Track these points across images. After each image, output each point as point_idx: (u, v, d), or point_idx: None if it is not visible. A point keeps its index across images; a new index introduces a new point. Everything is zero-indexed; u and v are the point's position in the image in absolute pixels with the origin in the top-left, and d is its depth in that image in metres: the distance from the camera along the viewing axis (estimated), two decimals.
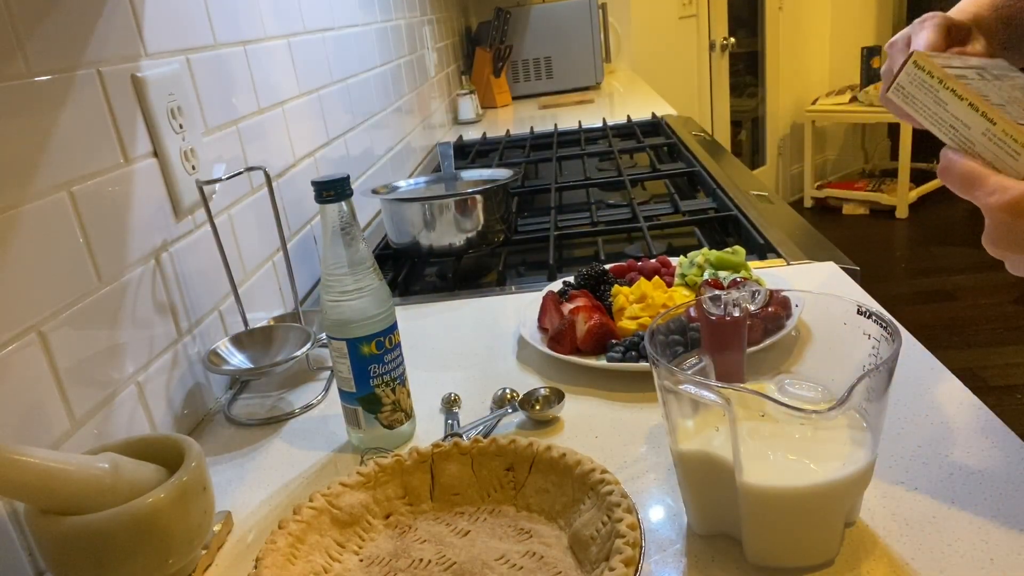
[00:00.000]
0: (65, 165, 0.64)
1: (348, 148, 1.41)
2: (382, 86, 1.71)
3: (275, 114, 1.09)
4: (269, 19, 1.10)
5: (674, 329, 0.58)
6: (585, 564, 0.50)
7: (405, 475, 0.59)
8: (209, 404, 0.84)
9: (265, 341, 0.84)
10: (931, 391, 0.67)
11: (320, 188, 0.63)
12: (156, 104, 0.77)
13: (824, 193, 4.45)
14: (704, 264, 0.89)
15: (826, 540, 0.49)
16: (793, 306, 0.72)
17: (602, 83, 3.08)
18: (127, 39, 0.75)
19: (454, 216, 1.13)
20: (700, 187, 1.47)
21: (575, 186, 1.54)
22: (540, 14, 2.94)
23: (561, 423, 0.71)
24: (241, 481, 0.69)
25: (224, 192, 0.90)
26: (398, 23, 1.92)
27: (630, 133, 2.08)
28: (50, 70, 0.63)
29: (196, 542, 0.55)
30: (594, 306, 0.82)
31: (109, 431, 0.66)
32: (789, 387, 0.56)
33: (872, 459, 0.49)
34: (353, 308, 0.65)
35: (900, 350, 0.47)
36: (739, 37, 4.30)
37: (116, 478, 0.51)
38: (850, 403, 0.44)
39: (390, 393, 0.69)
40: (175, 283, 0.79)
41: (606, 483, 0.52)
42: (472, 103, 2.59)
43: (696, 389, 0.47)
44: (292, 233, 1.10)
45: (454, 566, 0.52)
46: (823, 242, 1.07)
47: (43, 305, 0.60)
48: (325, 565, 0.52)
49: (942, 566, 0.48)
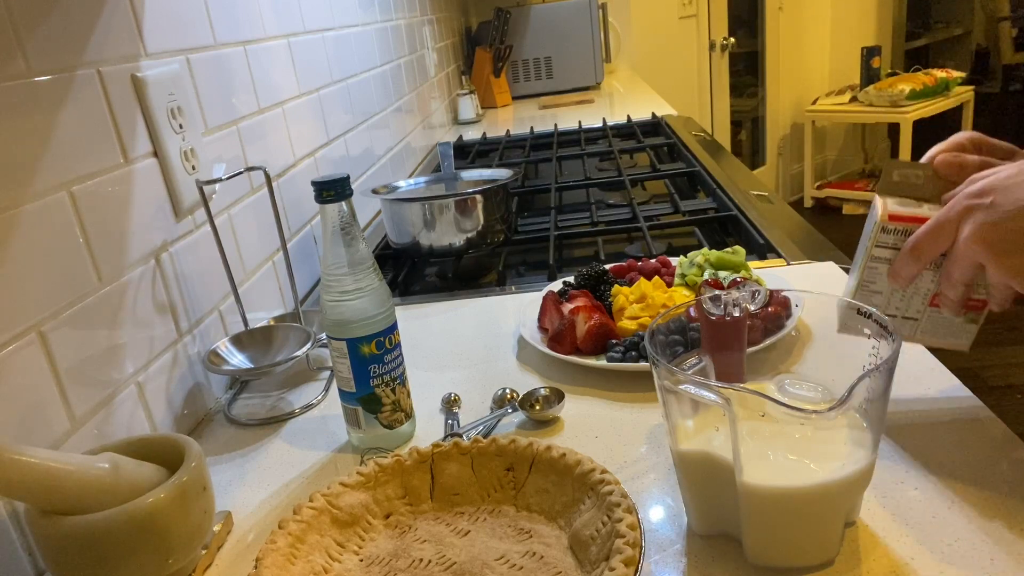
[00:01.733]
0: (65, 165, 0.64)
1: (348, 148, 1.41)
2: (382, 86, 1.71)
3: (275, 114, 1.09)
4: (269, 19, 1.10)
5: (674, 329, 0.58)
6: (585, 564, 0.50)
7: (405, 475, 0.59)
8: (209, 404, 0.84)
9: (265, 341, 0.84)
10: (931, 391, 0.67)
11: (320, 188, 0.63)
12: (156, 104, 0.77)
13: (824, 193, 4.45)
14: (704, 264, 0.89)
15: (826, 540, 0.49)
16: (793, 306, 0.72)
17: (602, 83, 3.08)
18: (127, 39, 0.75)
19: (454, 216, 1.13)
20: (700, 187, 1.47)
21: (575, 186, 1.54)
22: (540, 14, 2.93)
23: (561, 423, 0.71)
24: (241, 481, 0.69)
25: (224, 192, 0.90)
26: (398, 23, 1.92)
27: (630, 133, 2.08)
28: (50, 70, 0.63)
29: (196, 542, 0.55)
30: (594, 306, 0.82)
31: (109, 431, 0.66)
32: (789, 387, 0.56)
33: (872, 459, 0.49)
34: (353, 308, 0.65)
35: (900, 350, 0.47)
36: (739, 37, 4.30)
37: (116, 478, 0.51)
38: (850, 403, 0.44)
39: (390, 393, 0.69)
40: (175, 283, 0.79)
41: (606, 483, 0.52)
42: (472, 103, 2.59)
43: (696, 389, 0.47)
44: (292, 233, 1.10)
45: (454, 566, 0.52)
46: (823, 242, 1.07)
47: (43, 305, 0.60)
48: (325, 565, 0.52)
49: (942, 566, 0.48)
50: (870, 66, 4.19)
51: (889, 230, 0.59)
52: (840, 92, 4.37)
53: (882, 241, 0.60)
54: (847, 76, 4.48)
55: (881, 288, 0.61)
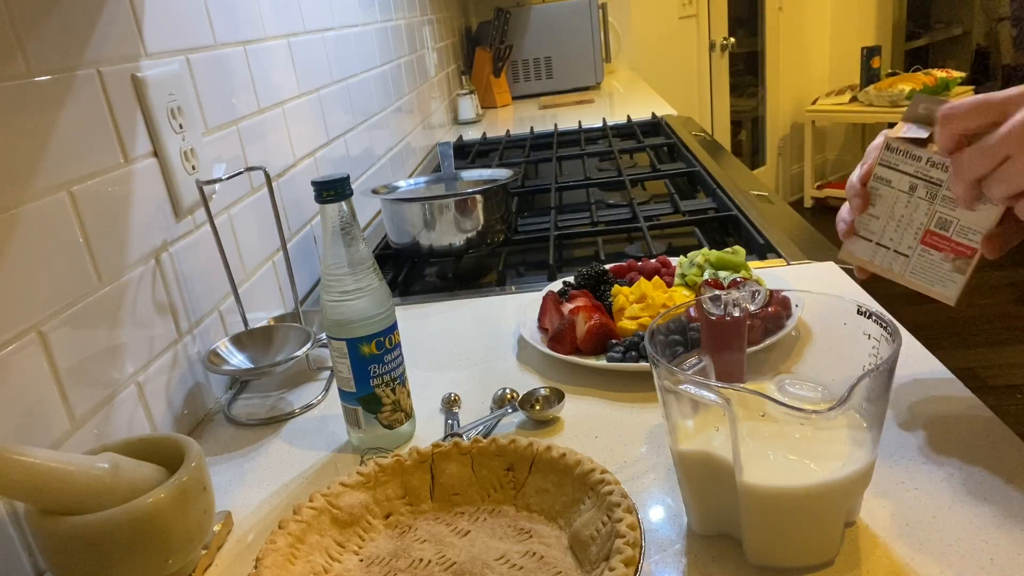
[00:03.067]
0: (65, 165, 0.64)
1: (348, 148, 1.41)
2: (382, 86, 1.71)
3: (275, 114, 1.09)
4: (269, 19, 1.10)
5: (674, 329, 0.58)
6: (585, 564, 0.50)
7: (405, 475, 0.59)
8: (209, 404, 0.84)
9: (265, 341, 0.84)
10: (931, 391, 0.67)
11: (320, 188, 0.63)
12: (156, 104, 0.77)
13: (824, 193, 4.45)
14: (704, 264, 0.89)
15: (826, 540, 0.49)
16: (793, 306, 0.72)
17: (602, 83, 3.08)
18: (127, 39, 0.75)
19: (454, 216, 1.13)
20: (700, 187, 1.47)
21: (575, 186, 1.54)
22: (540, 14, 2.93)
23: (561, 423, 0.71)
24: (241, 481, 0.69)
25: (224, 192, 0.90)
26: (398, 23, 1.92)
27: (630, 133, 2.08)
28: (50, 70, 0.63)
29: (196, 542, 0.55)
30: (594, 306, 0.82)
31: (109, 431, 0.66)
32: (789, 387, 0.56)
33: (872, 459, 0.49)
34: (353, 308, 0.65)
35: (900, 350, 0.47)
36: (739, 37, 4.30)
37: (116, 478, 0.51)
38: (850, 403, 0.44)
39: (390, 393, 0.69)
40: (175, 283, 0.79)
41: (606, 483, 0.52)
42: (472, 103, 2.59)
43: (696, 389, 0.47)
44: (292, 233, 1.10)
45: (454, 566, 0.52)
46: (823, 242, 1.07)
47: (43, 305, 0.60)
48: (325, 565, 0.52)
49: (942, 566, 0.48)
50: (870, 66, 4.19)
51: (894, 148, 0.59)
52: (840, 92, 4.37)
53: (886, 159, 0.60)
54: (847, 76, 4.48)
55: (879, 212, 0.62)
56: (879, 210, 0.62)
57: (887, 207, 0.62)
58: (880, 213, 0.62)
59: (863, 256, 0.65)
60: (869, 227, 0.63)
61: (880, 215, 0.62)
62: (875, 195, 0.62)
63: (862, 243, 0.65)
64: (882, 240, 0.63)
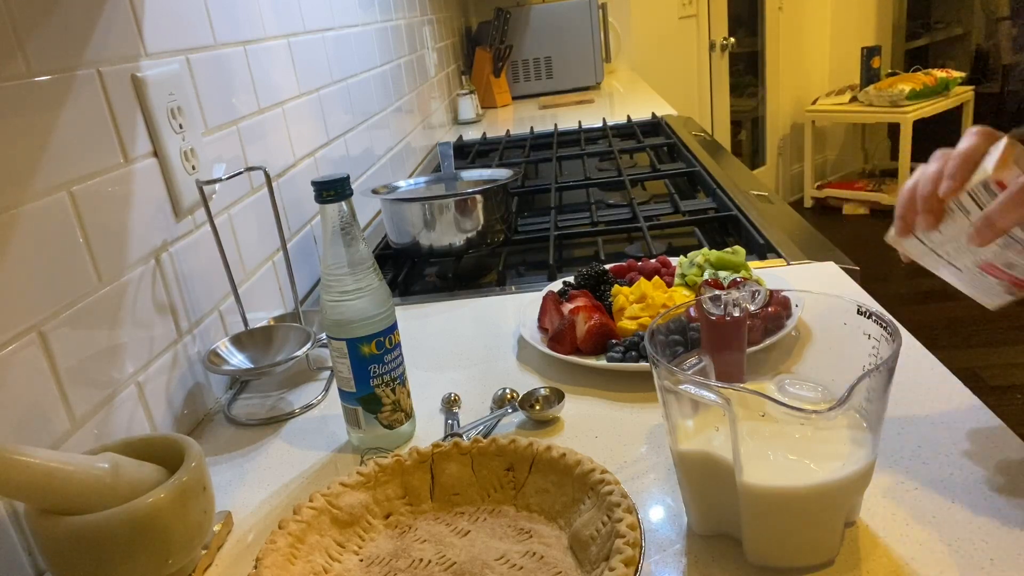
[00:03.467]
0: (65, 165, 0.64)
1: (348, 148, 1.41)
2: (382, 86, 1.71)
3: (275, 114, 1.09)
4: (269, 19, 1.10)
5: (674, 329, 0.58)
6: (585, 564, 0.50)
7: (405, 475, 0.59)
8: (209, 404, 0.84)
9: (265, 341, 0.84)
10: (931, 391, 0.67)
11: (320, 188, 0.63)
12: (156, 104, 0.77)
13: (824, 193, 4.45)
14: (704, 264, 0.89)
15: (826, 540, 0.49)
16: (793, 306, 0.72)
17: (602, 83, 3.08)
18: (127, 39, 0.75)
19: (454, 216, 1.13)
20: (700, 187, 1.47)
21: (575, 186, 1.54)
22: (540, 14, 2.93)
23: (561, 423, 0.71)
24: (241, 481, 0.69)
25: (224, 192, 0.90)
26: (398, 23, 1.92)
27: (630, 133, 2.08)
28: (50, 70, 0.63)
29: (196, 542, 0.55)
30: (594, 306, 0.82)
31: (109, 431, 0.66)
32: (789, 387, 0.56)
33: (872, 459, 0.49)
34: (353, 308, 0.65)
35: (900, 350, 0.47)
36: (739, 37, 4.30)
37: (116, 478, 0.51)
38: (850, 403, 0.44)
39: (390, 393, 0.69)
40: (175, 283, 0.79)
41: (606, 483, 0.52)
42: (472, 103, 2.59)
43: (696, 389, 0.47)
44: (292, 233, 1.10)
45: (454, 566, 0.52)
46: (823, 242, 1.07)
47: (43, 305, 0.60)
48: (325, 565, 0.52)
49: (942, 566, 0.48)
50: (870, 66, 4.19)
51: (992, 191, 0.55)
52: (840, 92, 4.37)
53: (976, 193, 0.56)
54: (847, 76, 4.48)
55: (944, 230, 0.58)
56: (945, 228, 0.58)
57: (955, 231, 0.58)
58: (945, 231, 0.58)
59: (912, 251, 0.62)
60: (929, 236, 0.60)
61: (944, 232, 0.58)
62: (949, 215, 0.58)
63: (915, 242, 0.62)
64: (938, 250, 0.60)
